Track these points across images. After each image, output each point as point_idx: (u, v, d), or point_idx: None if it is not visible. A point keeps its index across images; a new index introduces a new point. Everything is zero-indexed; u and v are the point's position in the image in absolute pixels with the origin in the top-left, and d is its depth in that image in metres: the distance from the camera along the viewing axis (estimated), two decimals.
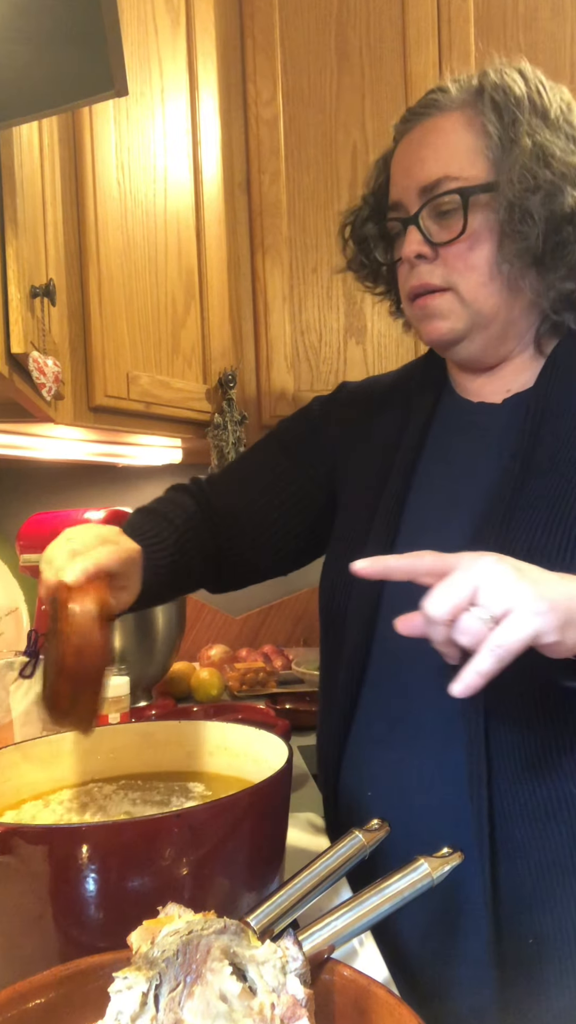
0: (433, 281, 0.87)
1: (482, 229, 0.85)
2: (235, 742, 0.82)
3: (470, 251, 0.86)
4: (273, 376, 1.72)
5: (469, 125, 0.86)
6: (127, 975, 0.39)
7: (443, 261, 0.87)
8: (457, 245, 0.86)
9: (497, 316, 0.88)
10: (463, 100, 0.87)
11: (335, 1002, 0.45)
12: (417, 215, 0.86)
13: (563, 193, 0.82)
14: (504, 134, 0.84)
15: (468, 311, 0.87)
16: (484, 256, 0.86)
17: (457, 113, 0.87)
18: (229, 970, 0.38)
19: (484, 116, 0.85)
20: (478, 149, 0.85)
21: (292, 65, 1.72)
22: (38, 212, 1.04)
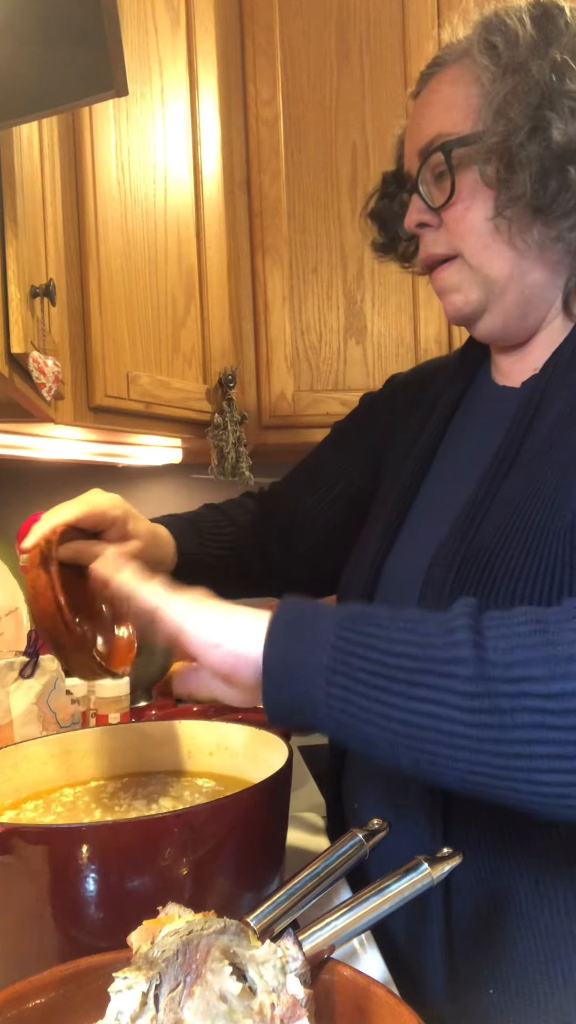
0: (438, 250, 0.82)
1: (475, 186, 0.78)
2: (235, 742, 0.82)
3: (466, 212, 0.79)
4: (273, 376, 1.72)
5: (462, 76, 0.79)
6: (127, 975, 0.39)
7: (445, 227, 0.81)
8: (454, 207, 0.79)
9: (511, 280, 0.79)
10: (460, 50, 0.81)
11: (335, 1002, 0.45)
12: (416, 182, 0.81)
13: (549, 127, 0.73)
14: (494, 77, 0.76)
15: (478, 277, 0.80)
16: (480, 213, 0.78)
17: (453, 67, 0.81)
18: (229, 970, 0.38)
19: (476, 63, 0.77)
20: (471, 101, 0.78)
21: (292, 65, 1.72)
22: (38, 212, 1.04)
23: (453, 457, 0.87)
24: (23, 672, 1.03)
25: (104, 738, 0.84)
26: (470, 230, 0.79)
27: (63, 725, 1.05)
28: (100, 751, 0.83)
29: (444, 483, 0.86)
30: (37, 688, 1.02)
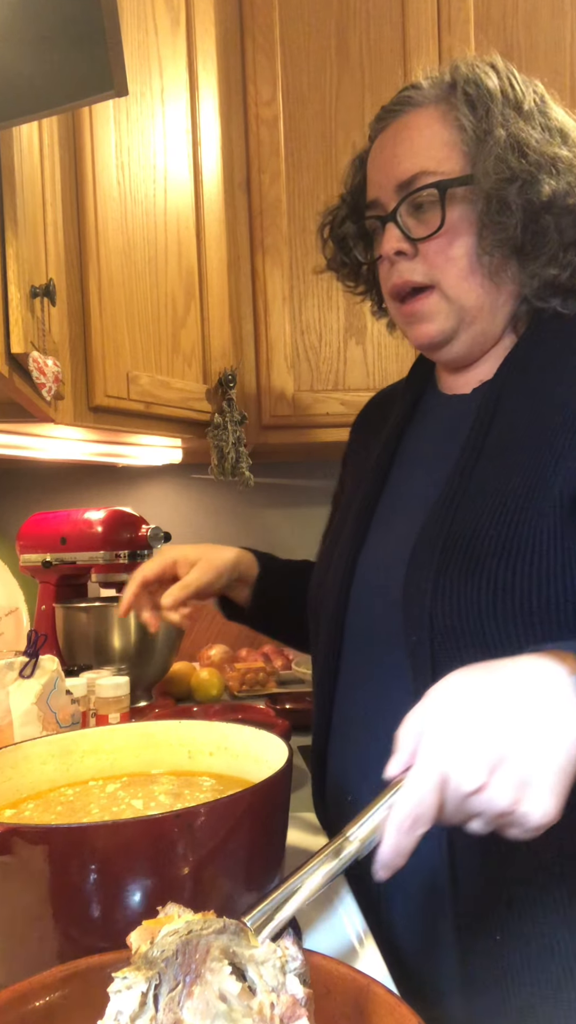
0: (415, 278, 0.87)
1: (460, 222, 0.85)
2: (235, 742, 0.82)
3: (450, 245, 0.85)
4: (273, 376, 1.72)
5: (443, 119, 0.86)
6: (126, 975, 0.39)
7: (423, 257, 0.87)
8: (436, 240, 0.85)
9: (481, 310, 0.87)
10: (436, 95, 0.87)
11: (335, 1002, 0.45)
12: (395, 212, 0.86)
13: (539, 182, 0.82)
14: (478, 126, 0.84)
15: (453, 308, 0.87)
16: (464, 249, 0.85)
17: (431, 108, 0.87)
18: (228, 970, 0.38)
19: (458, 110, 0.85)
20: (453, 143, 0.85)
21: (292, 65, 1.72)
22: (38, 212, 1.04)
23: (412, 459, 0.94)
24: (23, 672, 1.03)
25: (104, 738, 0.84)
26: (452, 262, 0.86)
27: (63, 725, 1.05)
28: (100, 751, 0.83)
29: (406, 481, 0.92)
30: (37, 688, 1.02)
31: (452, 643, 0.77)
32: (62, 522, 1.55)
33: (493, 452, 0.82)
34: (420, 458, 0.93)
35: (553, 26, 1.71)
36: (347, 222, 0.97)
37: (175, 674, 1.69)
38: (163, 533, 1.54)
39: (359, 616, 0.89)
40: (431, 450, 0.92)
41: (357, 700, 0.88)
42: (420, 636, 0.78)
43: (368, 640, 0.87)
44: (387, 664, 0.84)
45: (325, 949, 0.65)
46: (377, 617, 0.85)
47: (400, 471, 0.94)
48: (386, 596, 0.84)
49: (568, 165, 0.84)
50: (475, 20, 1.71)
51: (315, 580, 0.98)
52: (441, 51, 1.70)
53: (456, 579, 0.76)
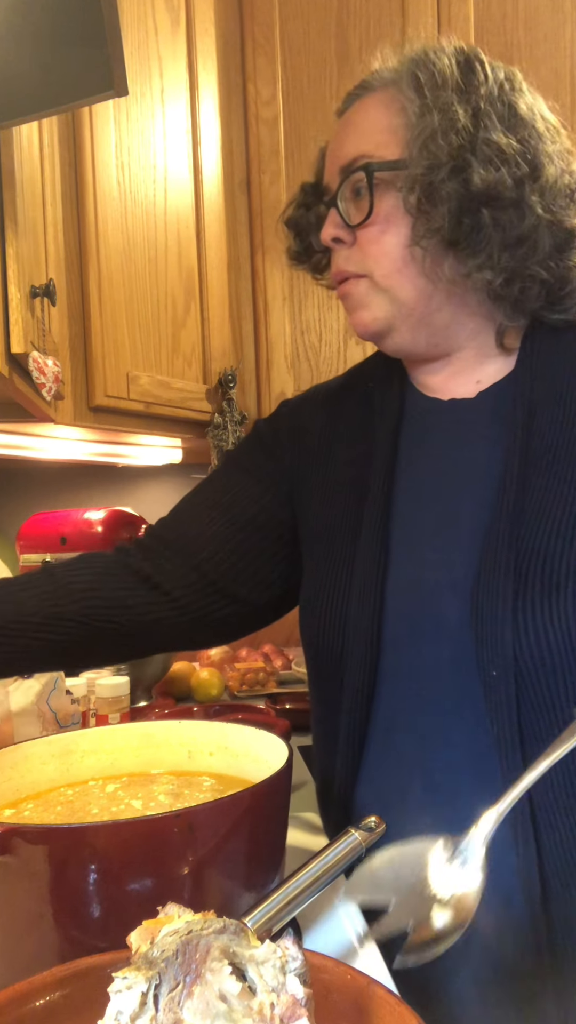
0: (349, 268, 0.84)
1: (393, 211, 0.80)
2: (235, 742, 0.82)
3: (382, 235, 0.81)
4: (273, 376, 1.72)
5: (388, 104, 0.82)
6: (126, 975, 0.39)
7: (359, 246, 0.82)
8: (369, 228, 0.81)
9: (418, 304, 0.82)
10: (388, 79, 0.84)
11: (335, 1002, 0.45)
12: (335, 197, 0.83)
13: (470, 169, 0.75)
14: (419, 111, 0.78)
15: (385, 298, 0.82)
16: (397, 239, 0.80)
17: (380, 93, 0.84)
18: (228, 970, 0.38)
19: (403, 93, 0.81)
20: (393, 128, 0.80)
21: (292, 65, 1.72)
22: (38, 212, 1.04)
23: (420, 470, 0.85)
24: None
25: (104, 738, 0.84)
26: (384, 253, 0.81)
27: (63, 725, 1.05)
28: (100, 751, 0.83)
29: (422, 496, 0.84)
30: (37, 688, 1.02)
31: (535, 673, 0.71)
32: (62, 522, 1.55)
33: (540, 464, 0.76)
34: (434, 471, 0.84)
35: (553, 26, 1.71)
36: (302, 209, 0.93)
37: (175, 674, 1.70)
38: None
39: (399, 651, 0.79)
40: (446, 461, 0.84)
41: (394, 742, 0.80)
42: (501, 669, 0.72)
43: (409, 677, 0.79)
44: (433, 700, 0.77)
45: (325, 949, 0.65)
46: (424, 650, 0.77)
47: (410, 488, 0.84)
48: (437, 626, 0.77)
49: (513, 156, 0.76)
50: (475, 20, 1.71)
51: (326, 617, 0.84)
52: None
53: (537, 606, 0.71)
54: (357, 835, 0.61)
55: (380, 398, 0.91)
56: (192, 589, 0.91)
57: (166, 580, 0.90)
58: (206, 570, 0.91)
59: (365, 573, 0.81)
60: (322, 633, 0.84)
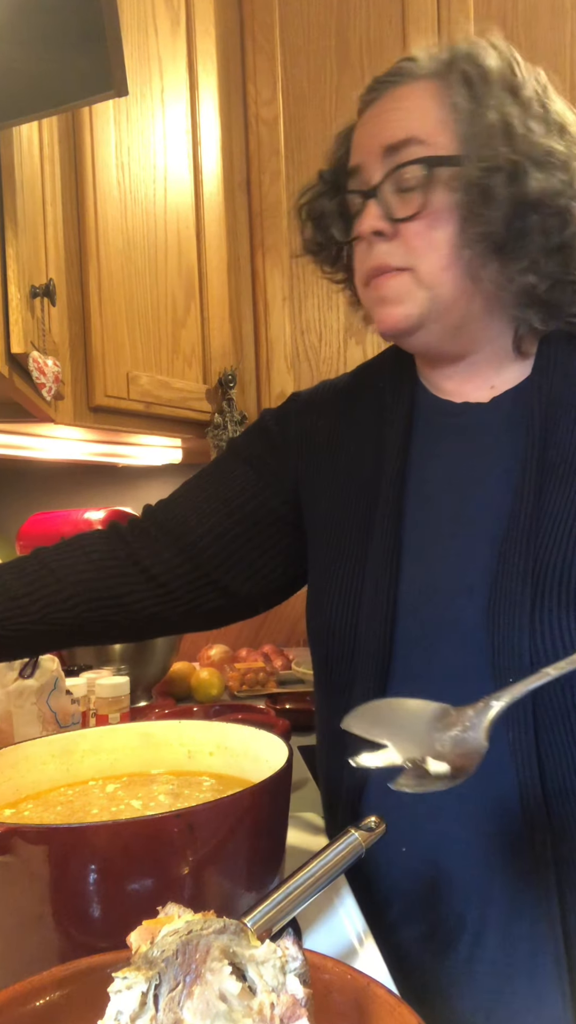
0: (391, 261, 0.80)
1: (444, 207, 0.78)
2: (235, 742, 0.82)
3: (430, 230, 0.78)
4: (273, 376, 1.72)
5: (437, 95, 0.79)
6: (126, 975, 0.39)
7: (402, 240, 0.79)
8: (417, 222, 0.78)
9: (456, 304, 0.80)
10: (432, 70, 0.81)
11: (335, 1002, 0.45)
12: (378, 187, 0.79)
13: (527, 175, 0.75)
14: (472, 107, 0.77)
15: (426, 295, 0.79)
16: (446, 236, 0.78)
17: (424, 82, 0.80)
18: (228, 970, 0.38)
19: (452, 88, 0.78)
20: (444, 121, 0.78)
21: (292, 65, 1.72)
22: (38, 212, 1.04)
23: (431, 473, 0.85)
24: (23, 672, 1.03)
25: (104, 738, 0.84)
26: (432, 248, 0.79)
27: (63, 725, 1.05)
28: (100, 751, 0.83)
29: (435, 499, 0.83)
30: (37, 688, 1.02)
31: (554, 682, 0.69)
32: (62, 522, 1.55)
33: (558, 472, 0.76)
34: (446, 476, 0.84)
35: (553, 26, 1.71)
36: (323, 198, 0.88)
37: (175, 674, 1.70)
38: None
39: (409, 656, 0.79)
40: (459, 467, 0.83)
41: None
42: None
43: (423, 680, 0.78)
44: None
45: (325, 949, 0.65)
46: (437, 654, 0.78)
47: (421, 493, 0.84)
48: (452, 630, 0.77)
49: (563, 162, 0.77)
50: (475, 20, 1.71)
51: (336, 619, 0.84)
52: None
53: (555, 614, 0.71)
54: (357, 835, 0.61)
55: (391, 398, 0.90)
56: (184, 578, 0.91)
57: (158, 566, 0.90)
58: (199, 559, 0.91)
59: (377, 575, 0.81)
60: (333, 634, 0.84)
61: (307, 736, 1.11)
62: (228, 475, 0.95)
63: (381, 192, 0.79)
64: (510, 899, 0.76)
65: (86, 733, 0.84)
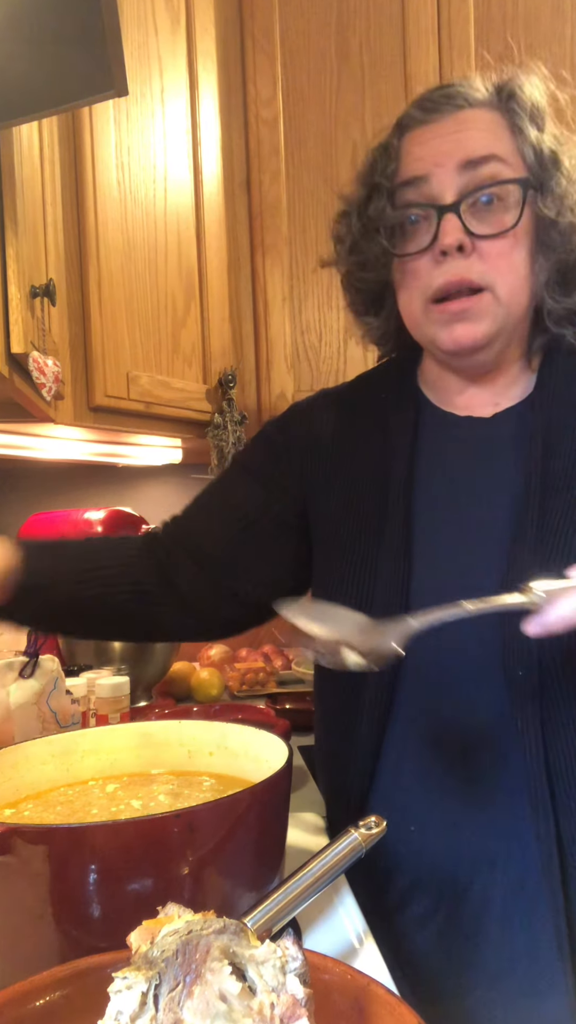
0: (471, 277, 0.79)
1: (527, 228, 0.80)
2: (235, 742, 0.82)
3: (512, 249, 0.80)
4: (273, 376, 1.72)
5: (505, 124, 0.81)
6: (126, 975, 0.39)
7: (481, 256, 0.79)
8: (499, 241, 0.79)
9: (521, 323, 0.84)
10: (491, 100, 0.82)
11: (335, 1002, 0.45)
12: (459, 203, 0.79)
13: None
14: (539, 140, 0.81)
15: (503, 313, 0.81)
16: (523, 258, 0.80)
17: (488, 111, 0.82)
18: (228, 970, 0.38)
19: (518, 117, 0.81)
20: (516, 148, 0.81)
21: (292, 65, 1.72)
22: (38, 212, 1.04)
23: (438, 484, 0.86)
24: (23, 672, 1.03)
25: (104, 738, 0.84)
26: (512, 268, 0.80)
27: (63, 725, 1.05)
28: (100, 751, 0.83)
29: (441, 508, 0.85)
30: (37, 688, 1.02)
31: (559, 670, 0.75)
32: (62, 522, 1.55)
33: (559, 484, 0.79)
34: (452, 487, 0.86)
35: (553, 26, 1.71)
36: (387, 209, 0.84)
37: (175, 674, 1.70)
38: None
39: (421, 651, 0.79)
40: (464, 479, 0.85)
41: (415, 734, 0.83)
42: (527, 671, 0.75)
43: (433, 674, 0.81)
44: (457, 696, 0.80)
45: (325, 949, 0.65)
46: (449, 650, 0.79)
47: (428, 502, 0.86)
48: (462, 628, 0.77)
49: None
50: (475, 20, 1.71)
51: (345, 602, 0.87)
52: (441, 51, 1.70)
53: None
54: (357, 835, 0.61)
55: (395, 406, 0.91)
56: (200, 592, 0.93)
57: (178, 579, 0.93)
58: (211, 570, 0.93)
59: (389, 577, 0.83)
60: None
61: (307, 736, 1.11)
62: (232, 488, 0.98)
63: (462, 207, 0.79)
64: (514, 877, 0.78)
65: (86, 733, 0.84)
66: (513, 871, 0.78)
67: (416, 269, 0.82)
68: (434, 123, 0.82)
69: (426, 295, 0.82)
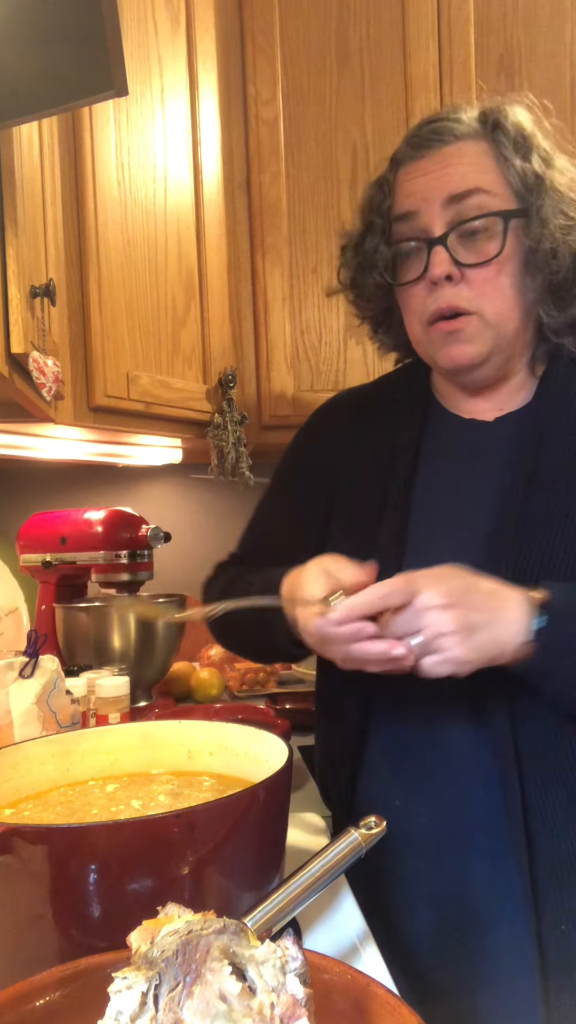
0: (459, 303, 0.86)
1: (511, 254, 0.86)
2: (235, 742, 0.82)
3: (498, 275, 0.86)
4: (273, 376, 1.72)
5: (490, 153, 0.87)
6: (126, 975, 0.39)
7: (468, 283, 0.86)
8: (485, 268, 0.86)
9: (516, 340, 0.89)
10: (477, 131, 0.88)
11: (335, 1002, 0.45)
12: (446, 236, 0.86)
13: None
14: (527, 167, 0.85)
15: (492, 334, 0.87)
16: (511, 282, 0.87)
17: (475, 141, 0.87)
18: (228, 970, 0.38)
19: (503, 147, 0.86)
20: (501, 177, 0.86)
21: (292, 65, 1.72)
22: (38, 212, 1.04)
23: (438, 481, 0.93)
24: (23, 672, 1.03)
25: (104, 738, 0.84)
26: (498, 292, 0.86)
27: (63, 725, 1.04)
28: (100, 751, 0.83)
29: (437, 504, 0.91)
30: (37, 688, 1.02)
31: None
32: (62, 522, 1.55)
33: (546, 483, 0.84)
34: (448, 481, 0.92)
35: (553, 26, 1.71)
36: (381, 245, 0.93)
37: (175, 674, 1.69)
38: (163, 533, 1.54)
39: None
40: (461, 474, 0.92)
41: (398, 713, 0.89)
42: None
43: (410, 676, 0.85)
44: (441, 687, 0.83)
45: (325, 949, 0.65)
46: None
47: (426, 493, 0.93)
48: None
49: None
50: (475, 20, 1.71)
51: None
52: (441, 51, 1.70)
53: None
54: (357, 835, 0.61)
55: (406, 407, 0.99)
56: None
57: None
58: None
59: (383, 562, 0.88)
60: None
61: (307, 736, 1.11)
62: (277, 510, 1.08)
63: (449, 239, 0.86)
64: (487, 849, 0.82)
65: (86, 733, 0.84)
66: (488, 857, 0.82)
67: (413, 295, 0.90)
68: (423, 159, 0.89)
69: (423, 319, 0.89)
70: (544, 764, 0.79)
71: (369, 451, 0.98)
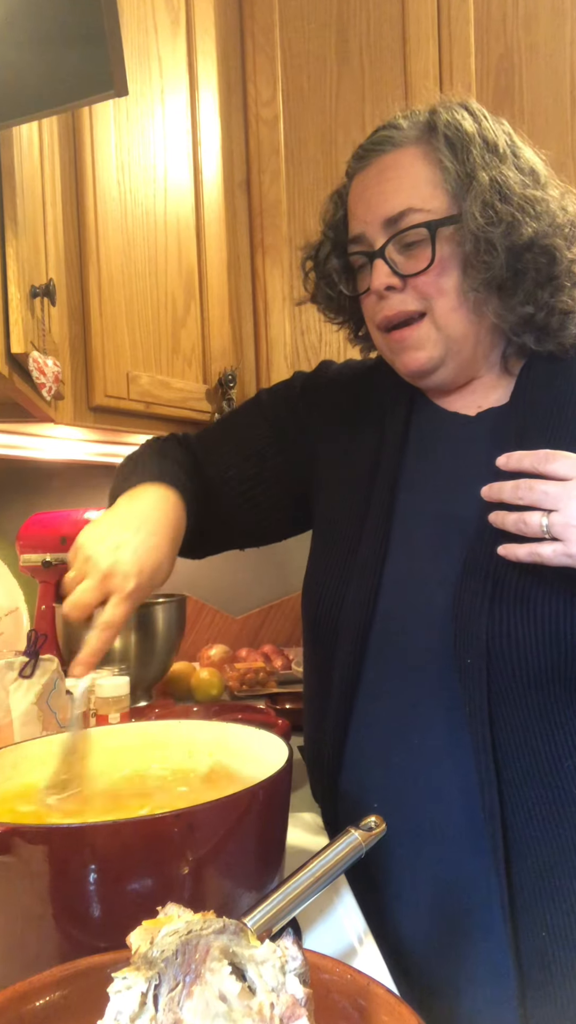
0: (408, 308, 0.90)
1: (448, 258, 0.88)
2: (235, 742, 0.82)
3: (439, 278, 0.89)
4: (273, 376, 1.72)
5: (425, 159, 0.89)
6: (126, 975, 0.39)
7: (412, 288, 0.90)
8: (425, 275, 0.89)
9: (467, 340, 0.91)
10: (416, 136, 0.90)
11: (335, 1002, 0.45)
12: (383, 249, 0.89)
13: (521, 225, 0.86)
14: (460, 168, 0.87)
15: (442, 336, 0.90)
16: (452, 283, 0.89)
17: (412, 148, 0.90)
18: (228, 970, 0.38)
19: (439, 151, 0.88)
20: (436, 182, 0.88)
21: (292, 65, 1.72)
22: (38, 212, 1.04)
23: (422, 474, 0.94)
24: (23, 672, 1.03)
25: (104, 738, 0.84)
26: (442, 293, 0.89)
27: (63, 725, 1.04)
28: (100, 751, 0.83)
29: (421, 497, 0.93)
30: (37, 688, 1.02)
31: (505, 663, 0.80)
32: (62, 522, 1.55)
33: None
34: (432, 475, 0.94)
35: (553, 26, 1.71)
36: (332, 257, 0.99)
37: (175, 674, 1.70)
38: None
39: (386, 632, 0.89)
40: (444, 468, 0.93)
41: (378, 713, 0.89)
42: (475, 659, 0.80)
43: (395, 655, 0.88)
44: (415, 678, 0.85)
45: (325, 949, 0.65)
46: (410, 633, 0.86)
47: (411, 485, 0.94)
48: (423, 614, 0.86)
49: (545, 207, 0.88)
50: (475, 20, 1.70)
51: (326, 593, 0.94)
52: (441, 51, 1.70)
53: (510, 609, 0.80)
54: (357, 835, 0.61)
55: (393, 399, 1.01)
56: (218, 499, 1.05)
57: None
58: (222, 490, 1.05)
59: (367, 558, 0.91)
60: (321, 607, 0.94)
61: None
62: (249, 428, 1.09)
63: (386, 253, 0.89)
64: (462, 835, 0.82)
65: (86, 733, 0.84)
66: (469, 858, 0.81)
67: (367, 306, 0.95)
68: (364, 171, 0.93)
69: (378, 326, 0.94)
70: (522, 764, 0.79)
71: (358, 437, 1.00)
